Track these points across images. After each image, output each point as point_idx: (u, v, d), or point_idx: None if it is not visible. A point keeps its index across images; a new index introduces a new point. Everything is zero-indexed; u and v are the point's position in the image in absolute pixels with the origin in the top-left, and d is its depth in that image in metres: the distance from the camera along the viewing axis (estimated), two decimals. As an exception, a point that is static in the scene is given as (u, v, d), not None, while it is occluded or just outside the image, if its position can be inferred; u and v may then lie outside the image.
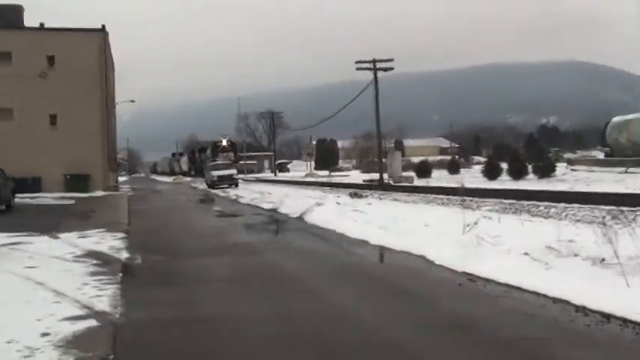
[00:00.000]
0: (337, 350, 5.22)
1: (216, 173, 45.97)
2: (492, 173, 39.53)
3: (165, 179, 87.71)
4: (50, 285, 7.89)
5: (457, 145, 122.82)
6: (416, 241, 10.39)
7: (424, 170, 49.32)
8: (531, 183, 31.36)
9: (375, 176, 43.31)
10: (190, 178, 78.36)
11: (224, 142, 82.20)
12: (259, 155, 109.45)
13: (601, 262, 7.10)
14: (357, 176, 58.95)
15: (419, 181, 39.73)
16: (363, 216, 14.94)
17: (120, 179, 59.17)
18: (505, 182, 34.05)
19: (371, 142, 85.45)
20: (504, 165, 40.43)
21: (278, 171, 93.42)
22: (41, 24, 39.47)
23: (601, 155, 52.66)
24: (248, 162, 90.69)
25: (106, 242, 12.56)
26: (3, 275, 8.78)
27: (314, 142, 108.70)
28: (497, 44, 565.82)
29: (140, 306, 7.06)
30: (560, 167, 42.60)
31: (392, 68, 43.36)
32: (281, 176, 77.51)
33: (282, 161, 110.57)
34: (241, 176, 59.58)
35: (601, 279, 6.63)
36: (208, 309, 6.89)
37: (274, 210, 20.83)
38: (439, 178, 42.92)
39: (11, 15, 38.58)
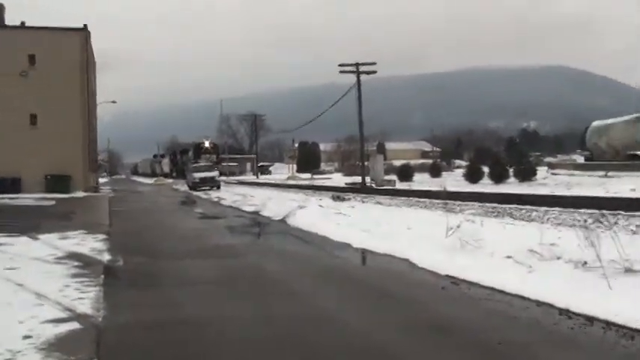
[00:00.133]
0: (321, 353, 5.22)
1: (197, 175, 45.69)
2: (474, 177, 39.70)
3: (146, 181, 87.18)
4: (31, 287, 7.80)
5: (439, 149, 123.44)
6: (399, 244, 10.42)
7: (406, 174, 49.39)
8: (512, 187, 31.55)
9: (358, 179, 43.39)
10: (172, 180, 77.90)
11: (206, 144, 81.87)
12: (241, 158, 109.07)
13: (583, 266, 7.17)
14: (340, 179, 58.96)
15: (401, 185, 39.81)
16: (346, 219, 14.96)
17: (100, 180, 58.77)
18: (487, 186, 34.23)
19: (353, 146, 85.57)
20: (486, 169, 40.65)
21: (260, 173, 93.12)
22: (22, 22, 39.02)
23: (581, 159, 53.20)
24: (230, 164, 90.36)
25: (87, 244, 12.43)
26: (-17, 277, 8.66)
27: (296, 145, 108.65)
28: (479, 49, 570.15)
29: (123, 308, 6.99)
30: (540, 171, 42.88)
31: (375, 72, 43.44)
32: (263, 179, 77.28)
33: (264, 164, 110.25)
34: (223, 178, 59.33)
35: (583, 282, 6.70)
36: (192, 311, 6.85)
37: (257, 212, 20.78)
38: (421, 182, 43.04)
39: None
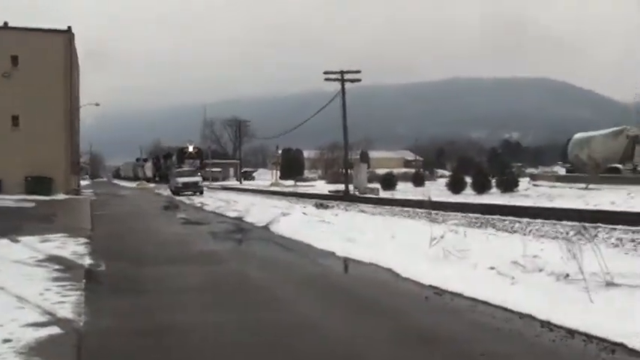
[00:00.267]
0: (304, 360, 5.23)
1: (181, 180, 45.44)
2: (457, 187, 39.90)
3: (128, 184, 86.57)
4: (11, 290, 7.72)
5: (421, 158, 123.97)
6: (382, 254, 10.43)
7: (390, 182, 49.50)
8: (495, 197, 31.73)
9: (341, 187, 43.42)
10: (154, 184, 77.45)
11: (190, 149, 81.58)
12: (225, 163, 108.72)
13: (565, 278, 7.24)
14: (323, 187, 58.97)
15: (384, 193, 39.89)
16: (330, 227, 14.96)
17: (82, 183, 58.30)
18: (469, 196, 34.40)
19: (337, 153, 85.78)
20: (468, 179, 40.88)
21: (243, 179, 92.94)
22: (5, 23, 38.67)
23: (562, 171, 53.66)
24: (213, 169, 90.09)
25: (69, 247, 12.33)
26: (-38, 279, 8.56)
27: (280, 151, 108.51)
28: (463, 59, 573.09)
29: (105, 313, 6.94)
30: (522, 182, 43.24)
31: (359, 80, 43.56)
32: (246, 184, 77.14)
33: (247, 169, 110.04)
34: (206, 183, 59.14)
35: (565, 294, 6.76)
36: (174, 318, 6.80)
37: (240, 219, 20.72)
38: (404, 191, 43.17)
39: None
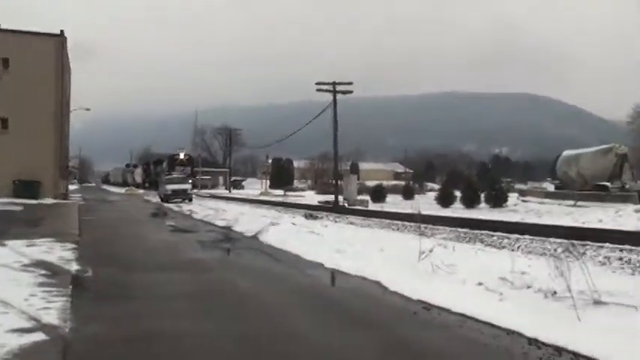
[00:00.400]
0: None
1: (170, 187, 45.25)
2: (446, 201, 40.08)
3: (117, 190, 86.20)
4: (-4, 295, 7.65)
5: (411, 171, 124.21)
6: (371, 266, 10.42)
7: (379, 194, 49.65)
8: (484, 212, 31.86)
9: (330, 198, 43.40)
10: (143, 191, 77.12)
11: (181, 156, 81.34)
12: (214, 171, 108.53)
13: (553, 295, 7.25)
14: (312, 197, 58.98)
15: (374, 205, 39.97)
16: (319, 238, 14.95)
17: (70, 187, 57.96)
18: (458, 210, 34.53)
19: (327, 164, 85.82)
20: (458, 192, 41.03)
21: (233, 188, 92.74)
22: (-4, 24, 38.59)
23: (551, 187, 53.94)
24: (203, 177, 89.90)
25: (56, 252, 12.23)
26: (-54, 283, 8.48)
27: (270, 161, 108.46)
28: (455, 74, 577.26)
29: (91, 320, 6.88)
30: (511, 197, 43.43)
31: (351, 92, 43.64)
32: (235, 193, 77.00)
33: (237, 178, 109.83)
34: (195, 191, 58.97)
35: (553, 312, 6.77)
36: (161, 325, 6.76)
37: (229, 228, 20.65)
38: (394, 203, 43.26)
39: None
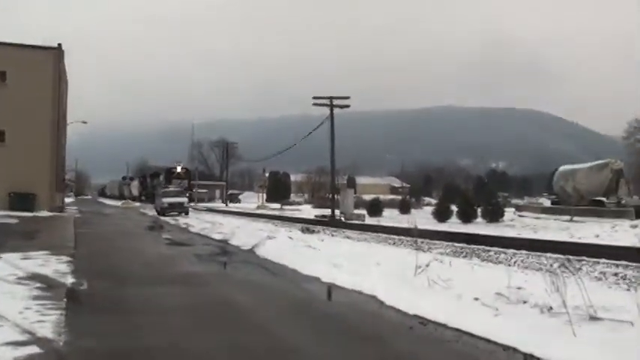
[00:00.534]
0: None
1: (166, 200, 45.16)
2: (443, 215, 40.17)
3: (113, 203, 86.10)
4: (-10, 307, 7.62)
5: (408, 185, 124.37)
6: (367, 281, 10.40)
7: (376, 209, 49.70)
8: (480, 227, 31.87)
9: (327, 212, 43.46)
10: (139, 204, 77.09)
11: (178, 169, 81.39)
12: (211, 184, 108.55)
13: (549, 311, 7.24)
14: (309, 211, 58.96)
15: (370, 220, 39.98)
16: (316, 252, 14.91)
17: (66, 200, 57.88)
18: (455, 225, 34.55)
19: (324, 177, 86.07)
20: (454, 207, 41.11)
21: (229, 201, 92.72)
22: (-6, 38, 38.67)
23: (548, 202, 54.05)
24: (199, 191, 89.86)
25: (51, 265, 12.21)
26: (-59, 296, 8.45)
27: (267, 174, 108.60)
28: (451, 88, 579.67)
29: (85, 334, 6.85)
30: (508, 212, 43.49)
31: (348, 106, 43.86)
32: (232, 207, 77.00)
33: (233, 192, 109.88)
34: (192, 205, 58.93)
35: (549, 328, 6.76)
36: (158, 339, 6.75)
37: (225, 241, 20.61)
38: (390, 218, 43.27)
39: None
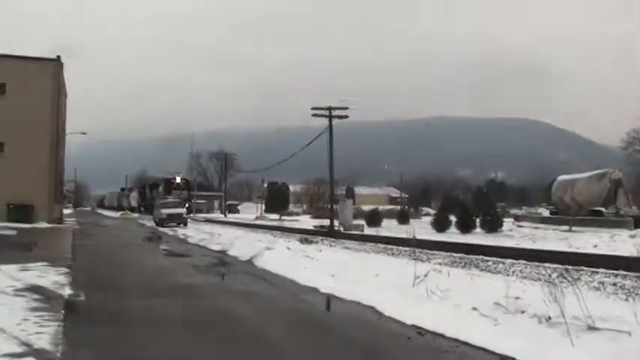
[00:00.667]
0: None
1: (165, 211, 45.13)
2: (441, 225, 40.15)
3: (112, 214, 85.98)
4: (-12, 320, 7.60)
5: (407, 196, 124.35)
6: (366, 291, 10.40)
7: (375, 219, 49.74)
8: (479, 237, 31.86)
9: (326, 222, 43.39)
10: (138, 215, 77.01)
11: (178, 180, 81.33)
12: (209, 195, 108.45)
13: (547, 321, 7.23)
14: (308, 221, 58.93)
15: (369, 230, 39.94)
16: (314, 263, 14.91)
17: (65, 212, 57.82)
18: (453, 235, 34.53)
19: (322, 188, 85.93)
20: (453, 217, 41.12)
21: (228, 212, 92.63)
22: (-6, 50, 38.74)
23: (546, 212, 54.06)
24: (198, 201, 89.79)
25: (49, 277, 12.17)
26: (-61, 308, 8.43)
27: (266, 185, 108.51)
28: (450, 98, 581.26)
29: (83, 345, 6.84)
30: (507, 222, 43.48)
31: (347, 116, 43.86)
32: (231, 217, 76.91)
33: (232, 202, 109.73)
34: (190, 215, 58.89)
35: (547, 338, 6.76)
36: (156, 352, 6.74)
37: (224, 252, 20.60)
38: (389, 228, 43.24)
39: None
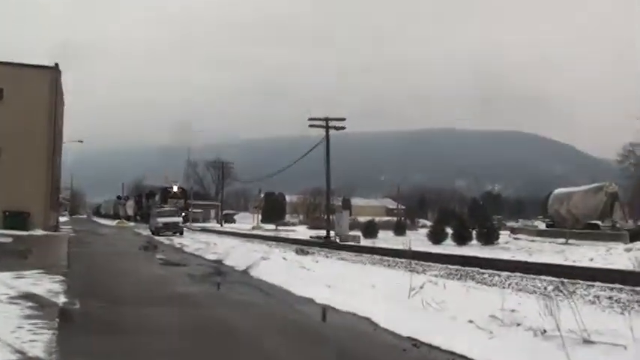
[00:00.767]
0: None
1: (161, 220, 45.06)
2: (437, 237, 40.19)
3: (108, 222, 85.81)
4: (-18, 327, 7.57)
5: (403, 207, 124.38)
6: (362, 302, 10.38)
7: (371, 230, 49.76)
8: (475, 249, 31.86)
9: (322, 233, 43.45)
10: (134, 223, 76.88)
11: (174, 189, 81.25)
12: (206, 204, 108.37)
13: (543, 334, 7.22)
14: (304, 232, 58.93)
15: (365, 241, 39.93)
16: (310, 273, 14.88)
17: (61, 219, 57.67)
18: (450, 247, 34.54)
19: (319, 198, 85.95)
20: (449, 229, 41.14)
21: (224, 222, 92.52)
22: (-9, 57, 38.77)
23: (543, 225, 54.16)
24: (194, 210, 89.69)
25: (44, 284, 12.12)
26: None
27: (262, 195, 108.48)
28: (446, 111, 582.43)
29: (77, 354, 6.82)
30: (503, 235, 43.54)
31: (344, 127, 44.08)
32: (227, 227, 76.85)
33: (228, 212, 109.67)
34: (186, 225, 58.82)
35: (542, 351, 6.75)
36: (149, 361, 6.72)
37: (219, 262, 20.55)
38: (385, 239, 43.25)
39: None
